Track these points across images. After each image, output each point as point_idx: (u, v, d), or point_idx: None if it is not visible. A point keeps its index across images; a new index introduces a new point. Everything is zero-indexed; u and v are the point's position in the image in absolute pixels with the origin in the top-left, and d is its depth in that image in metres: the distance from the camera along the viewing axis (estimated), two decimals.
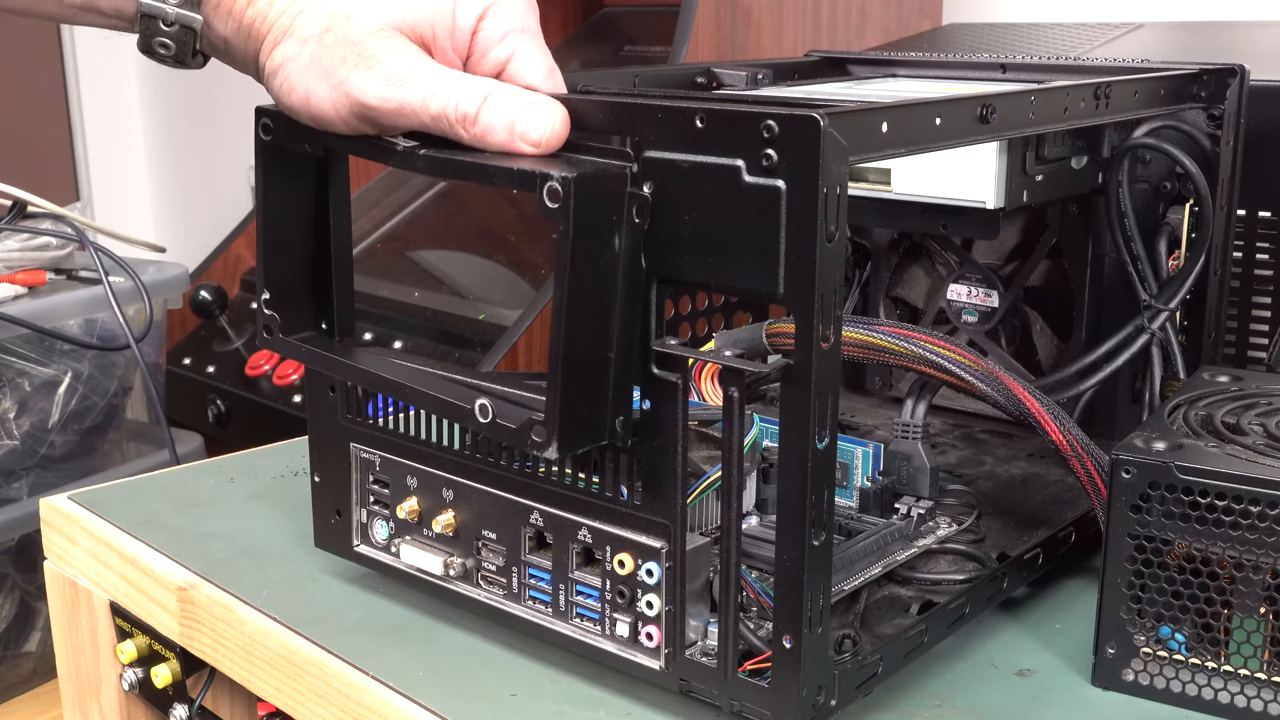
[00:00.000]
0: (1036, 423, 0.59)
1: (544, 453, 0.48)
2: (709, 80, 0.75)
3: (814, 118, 0.43)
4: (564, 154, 0.50)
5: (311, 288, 0.60)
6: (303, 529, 0.66)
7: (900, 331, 0.59)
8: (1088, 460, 0.59)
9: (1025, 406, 0.59)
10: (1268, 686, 0.53)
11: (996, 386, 0.59)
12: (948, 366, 0.59)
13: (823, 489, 0.46)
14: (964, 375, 0.59)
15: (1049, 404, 0.60)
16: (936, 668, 0.57)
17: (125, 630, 0.72)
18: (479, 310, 1.37)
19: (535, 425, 0.48)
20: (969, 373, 0.59)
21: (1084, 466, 0.59)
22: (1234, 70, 0.70)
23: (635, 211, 0.47)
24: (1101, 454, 0.59)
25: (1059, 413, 0.60)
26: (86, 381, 1.23)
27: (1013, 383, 0.59)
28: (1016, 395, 0.59)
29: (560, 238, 0.46)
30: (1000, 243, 0.80)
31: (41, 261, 1.25)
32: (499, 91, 0.51)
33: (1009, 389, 0.59)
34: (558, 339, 0.47)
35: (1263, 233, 0.77)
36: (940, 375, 0.59)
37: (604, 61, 1.72)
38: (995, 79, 0.76)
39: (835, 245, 0.44)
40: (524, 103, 0.51)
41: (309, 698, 0.59)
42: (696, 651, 0.51)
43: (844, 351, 0.60)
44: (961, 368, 0.59)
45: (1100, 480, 0.58)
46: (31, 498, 1.18)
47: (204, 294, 1.55)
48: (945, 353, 0.59)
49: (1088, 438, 0.60)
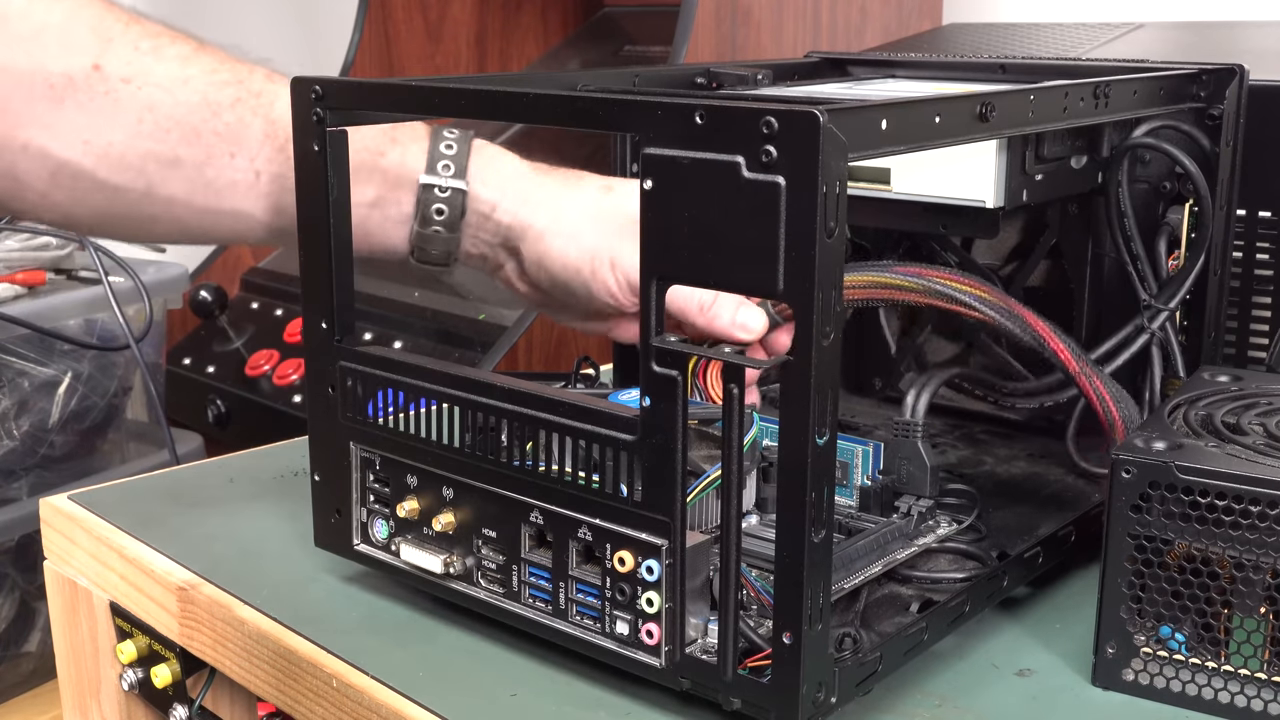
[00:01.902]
0: (1048, 348, 0.61)
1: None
2: (709, 80, 0.75)
3: (813, 114, 0.43)
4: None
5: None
6: (303, 529, 0.66)
7: (913, 270, 0.61)
8: (1097, 380, 0.60)
9: (1037, 332, 0.61)
10: (1268, 686, 0.53)
11: (1010, 316, 0.61)
12: (960, 298, 0.60)
13: (822, 486, 0.46)
14: (977, 306, 0.61)
15: (1061, 332, 0.61)
16: (936, 667, 0.57)
17: (125, 630, 0.72)
18: (479, 310, 1.37)
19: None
20: (982, 304, 0.61)
21: (1092, 386, 0.60)
22: (1233, 70, 0.70)
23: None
24: (1113, 382, 0.62)
25: (1071, 342, 0.61)
26: (86, 381, 1.23)
27: (1025, 311, 0.61)
28: (1028, 322, 0.61)
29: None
30: (1000, 242, 0.80)
31: (41, 261, 1.25)
32: (724, 294, 0.65)
33: (1022, 318, 0.61)
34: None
35: (1263, 233, 0.77)
36: (954, 308, 0.61)
37: (604, 61, 1.72)
38: (995, 79, 0.76)
39: (835, 241, 0.44)
40: (740, 302, 0.66)
41: (309, 698, 0.59)
42: (697, 649, 0.51)
43: (857, 295, 0.63)
44: (974, 299, 0.61)
45: (1110, 402, 0.60)
46: (31, 498, 1.18)
47: (204, 294, 1.55)
48: (958, 286, 0.60)
49: (1100, 366, 0.62)
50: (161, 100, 0.66)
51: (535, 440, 0.54)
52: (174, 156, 0.67)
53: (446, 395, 0.57)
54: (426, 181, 0.69)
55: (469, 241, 0.71)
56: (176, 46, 0.68)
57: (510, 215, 0.70)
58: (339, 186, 0.60)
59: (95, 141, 0.66)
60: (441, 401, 0.57)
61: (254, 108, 0.68)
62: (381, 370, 0.60)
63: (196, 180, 0.68)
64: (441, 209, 0.69)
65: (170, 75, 0.67)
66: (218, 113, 0.67)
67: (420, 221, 0.69)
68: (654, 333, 0.49)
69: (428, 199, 0.69)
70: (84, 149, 0.66)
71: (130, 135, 0.66)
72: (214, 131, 0.67)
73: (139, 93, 0.66)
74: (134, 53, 0.66)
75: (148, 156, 0.67)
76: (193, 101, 0.67)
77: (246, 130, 0.67)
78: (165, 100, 0.66)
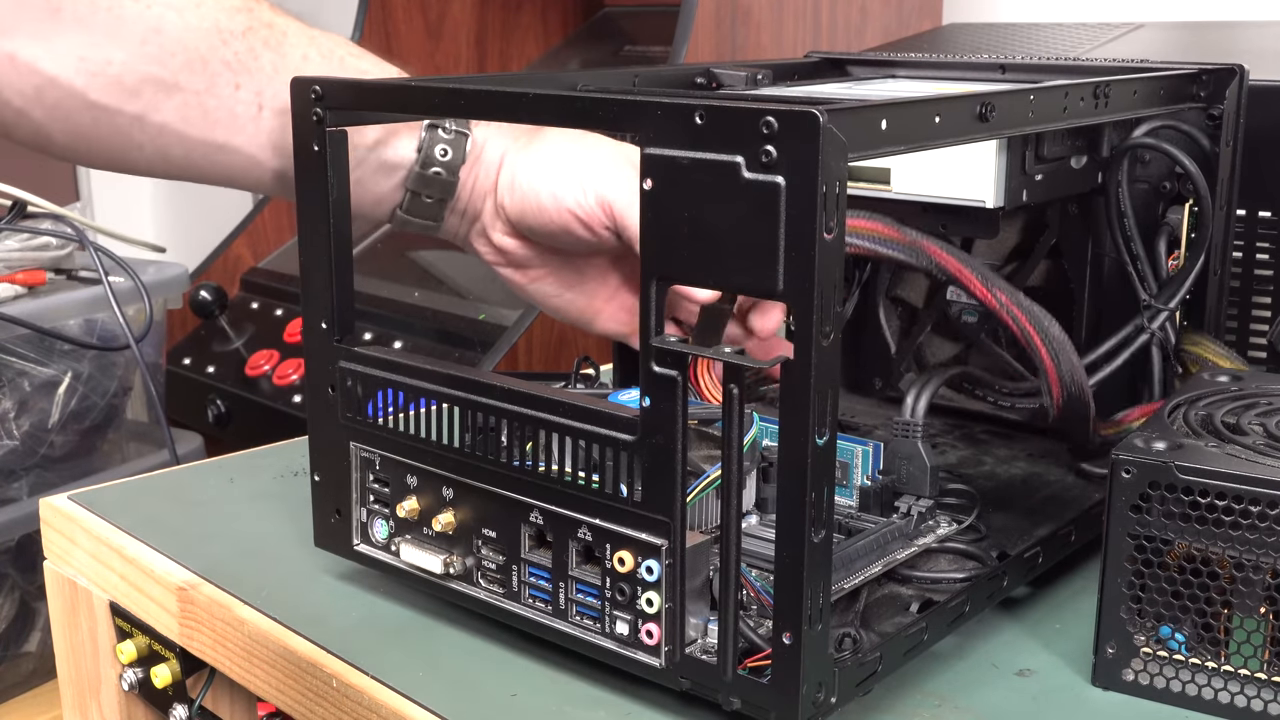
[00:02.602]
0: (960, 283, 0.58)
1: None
2: (708, 80, 0.75)
3: (813, 114, 0.43)
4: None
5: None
6: (303, 529, 0.66)
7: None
8: (1019, 314, 0.58)
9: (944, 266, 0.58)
10: (1268, 686, 0.53)
11: (915, 253, 0.58)
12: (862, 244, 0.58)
13: (822, 485, 0.46)
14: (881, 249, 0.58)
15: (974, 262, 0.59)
16: (936, 667, 0.57)
17: (125, 630, 0.72)
18: (479, 310, 1.37)
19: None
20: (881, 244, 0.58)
21: (1015, 320, 0.58)
22: (1233, 70, 0.70)
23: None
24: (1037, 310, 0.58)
25: (988, 274, 0.58)
26: (86, 381, 1.23)
27: (932, 246, 0.58)
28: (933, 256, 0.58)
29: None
30: (1000, 243, 0.80)
31: (41, 261, 1.25)
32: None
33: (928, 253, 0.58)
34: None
35: (1263, 233, 0.77)
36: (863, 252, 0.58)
37: (604, 61, 1.72)
38: (995, 79, 0.76)
39: (834, 241, 0.44)
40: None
41: (309, 698, 0.59)
42: (696, 649, 0.51)
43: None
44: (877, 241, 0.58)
45: (1038, 339, 0.58)
46: (31, 498, 1.18)
47: (204, 294, 1.55)
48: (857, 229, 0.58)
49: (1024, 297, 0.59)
50: (171, 22, 0.63)
51: (535, 440, 0.54)
52: (175, 82, 0.63)
53: (446, 395, 0.57)
54: (433, 122, 0.67)
55: (460, 190, 0.68)
56: None
57: (494, 150, 0.68)
58: (339, 186, 0.60)
59: (92, 59, 0.62)
60: (441, 401, 0.57)
61: (265, 39, 0.65)
62: (381, 370, 0.60)
63: (194, 108, 0.64)
64: (445, 149, 0.67)
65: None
66: (228, 40, 0.64)
67: (422, 163, 0.67)
68: (654, 333, 0.49)
69: (433, 140, 0.67)
70: (78, 65, 0.62)
71: (132, 56, 0.62)
72: (222, 60, 0.64)
73: (147, 11, 0.62)
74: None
75: (146, 80, 0.63)
76: (204, 26, 0.63)
77: (256, 61, 0.64)
78: (175, 22, 0.63)
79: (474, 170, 0.68)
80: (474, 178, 0.69)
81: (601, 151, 0.67)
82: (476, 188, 0.69)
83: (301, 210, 0.61)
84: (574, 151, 0.67)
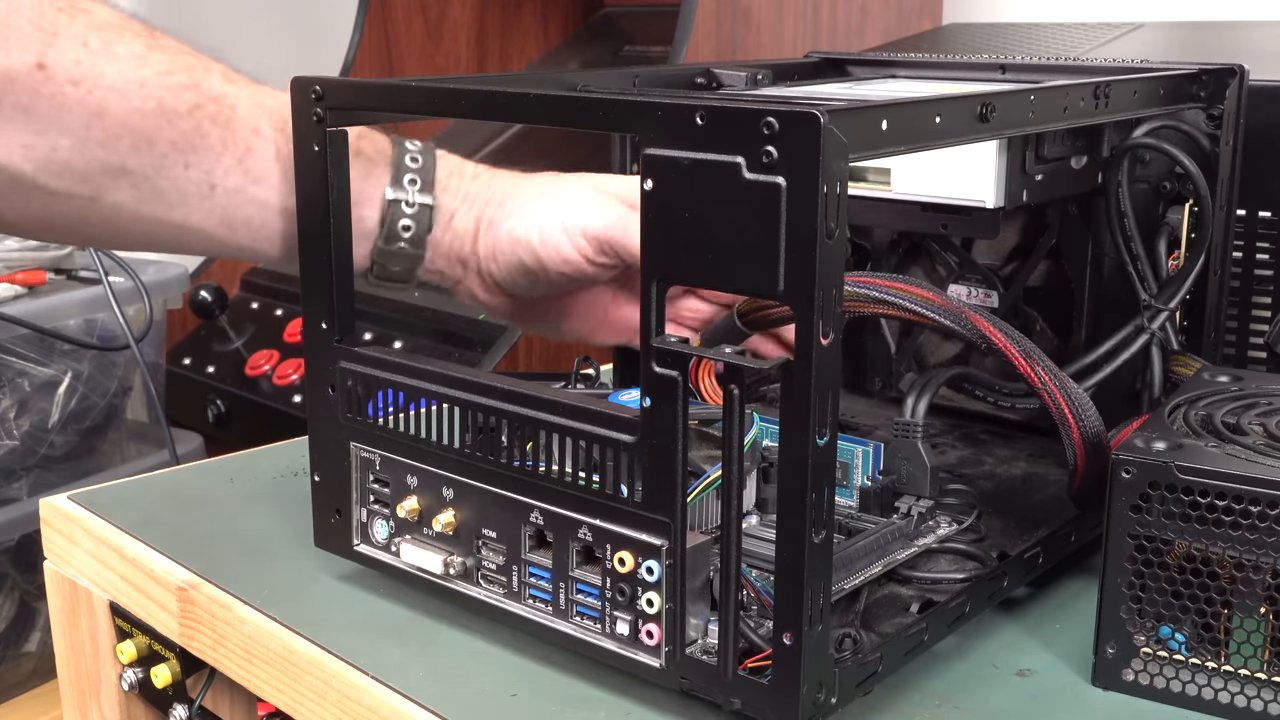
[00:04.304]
0: (1001, 352, 0.57)
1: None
2: (708, 80, 0.75)
3: (814, 114, 0.43)
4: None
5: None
6: (303, 529, 0.66)
7: (852, 279, 0.57)
8: (1056, 392, 0.57)
9: (985, 334, 0.57)
10: (1268, 686, 0.53)
11: (958, 320, 0.57)
12: (904, 304, 0.56)
13: (823, 486, 0.46)
14: (921, 311, 0.57)
15: (1018, 337, 0.57)
16: (936, 667, 0.57)
17: (125, 630, 0.72)
18: (479, 310, 1.37)
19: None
20: (927, 308, 0.57)
21: (1053, 399, 0.57)
22: (1233, 70, 0.70)
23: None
24: (1074, 386, 0.58)
25: (1031, 347, 0.57)
26: (86, 381, 1.23)
27: (975, 316, 0.57)
28: (977, 326, 0.57)
29: None
30: (1000, 243, 0.80)
31: (41, 261, 1.25)
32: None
33: (971, 322, 0.57)
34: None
35: (1263, 233, 0.77)
36: (898, 314, 0.57)
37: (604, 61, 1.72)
38: (995, 79, 0.76)
39: (835, 242, 0.44)
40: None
41: (309, 698, 0.59)
42: (697, 649, 0.51)
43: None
44: (918, 303, 0.57)
45: (1069, 411, 0.58)
46: (31, 498, 1.19)
47: (204, 294, 1.55)
48: (901, 292, 0.56)
49: (1069, 380, 0.58)
50: (114, 104, 0.61)
51: (535, 441, 0.54)
52: (123, 165, 0.63)
53: (446, 395, 0.57)
54: (393, 197, 0.66)
55: (431, 258, 0.68)
56: (127, 41, 0.63)
57: (467, 219, 0.68)
58: (339, 186, 0.60)
59: (37, 146, 0.61)
60: (441, 402, 0.57)
61: (212, 115, 0.64)
62: (381, 370, 0.60)
63: (146, 190, 0.64)
64: (409, 225, 0.66)
65: (123, 77, 0.62)
66: (173, 120, 0.63)
67: (385, 238, 0.67)
68: (654, 333, 0.49)
69: (394, 214, 0.66)
70: (24, 154, 0.61)
71: (77, 141, 0.61)
72: (169, 140, 0.63)
73: (89, 96, 0.61)
74: (83, 50, 0.61)
75: (94, 164, 0.62)
76: (147, 108, 0.62)
77: (204, 140, 0.64)
78: (118, 104, 0.61)
79: (445, 238, 0.68)
80: (446, 245, 0.69)
81: (567, 190, 0.67)
82: (451, 255, 0.69)
83: (301, 210, 0.61)
84: (545, 203, 0.67)
